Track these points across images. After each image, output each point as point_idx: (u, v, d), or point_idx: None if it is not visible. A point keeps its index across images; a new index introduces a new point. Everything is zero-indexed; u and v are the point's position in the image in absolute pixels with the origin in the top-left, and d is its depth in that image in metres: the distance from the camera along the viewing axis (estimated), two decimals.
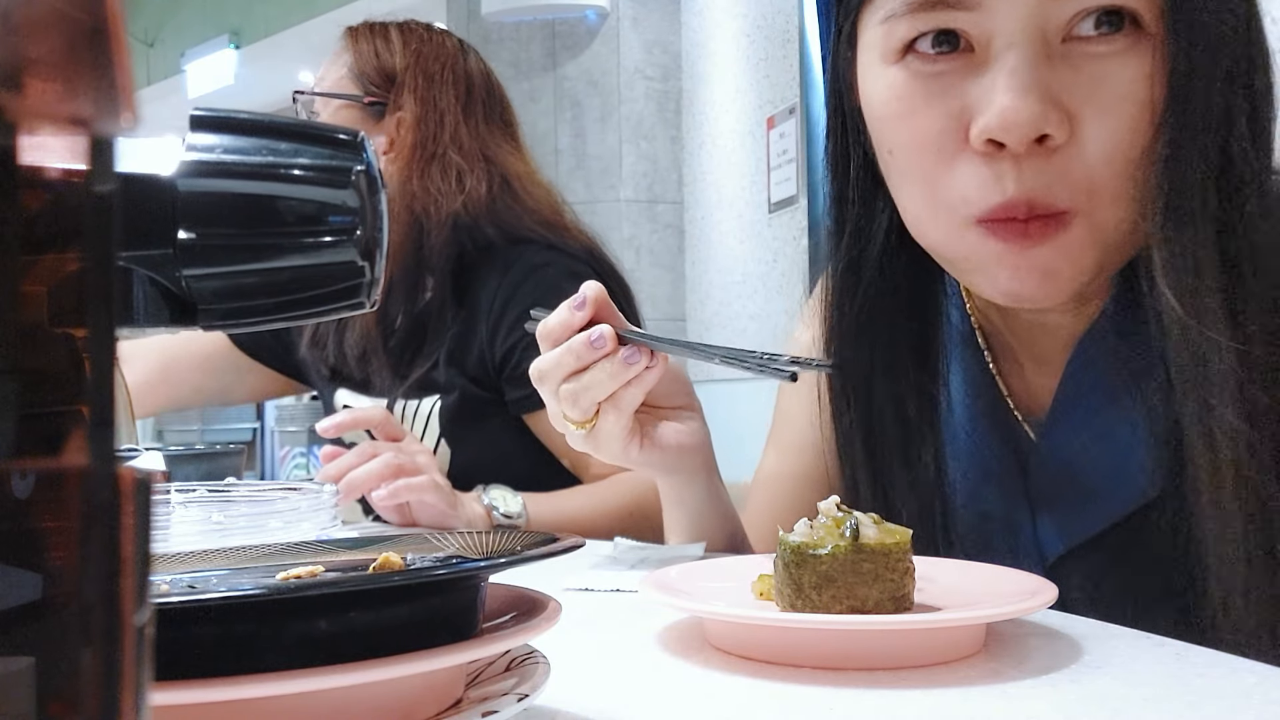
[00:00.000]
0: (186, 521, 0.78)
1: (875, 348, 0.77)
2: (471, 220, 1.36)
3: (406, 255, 1.36)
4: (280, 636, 0.34)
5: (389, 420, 1.15)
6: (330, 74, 1.43)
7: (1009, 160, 0.63)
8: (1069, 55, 0.63)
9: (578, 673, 0.50)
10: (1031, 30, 0.63)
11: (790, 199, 3.57)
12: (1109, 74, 0.63)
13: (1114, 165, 0.63)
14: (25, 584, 0.16)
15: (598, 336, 0.74)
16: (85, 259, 0.17)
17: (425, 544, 0.48)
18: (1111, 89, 0.63)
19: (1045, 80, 0.62)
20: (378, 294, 0.35)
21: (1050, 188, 0.63)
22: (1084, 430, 0.72)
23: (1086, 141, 0.63)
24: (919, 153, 0.67)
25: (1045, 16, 0.62)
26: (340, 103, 1.41)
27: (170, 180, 0.32)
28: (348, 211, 0.33)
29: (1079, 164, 0.63)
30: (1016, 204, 0.63)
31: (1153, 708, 0.45)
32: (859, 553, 0.53)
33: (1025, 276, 0.66)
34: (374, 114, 1.40)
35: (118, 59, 0.16)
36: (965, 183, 0.65)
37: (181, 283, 0.32)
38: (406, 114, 1.38)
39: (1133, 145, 0.63)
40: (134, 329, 0.33)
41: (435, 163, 1.37)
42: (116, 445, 0.17)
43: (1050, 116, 0.62)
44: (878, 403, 0.77)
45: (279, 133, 0.34)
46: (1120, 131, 0.63)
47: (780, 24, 3.63)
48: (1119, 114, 0.63)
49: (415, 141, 1.38)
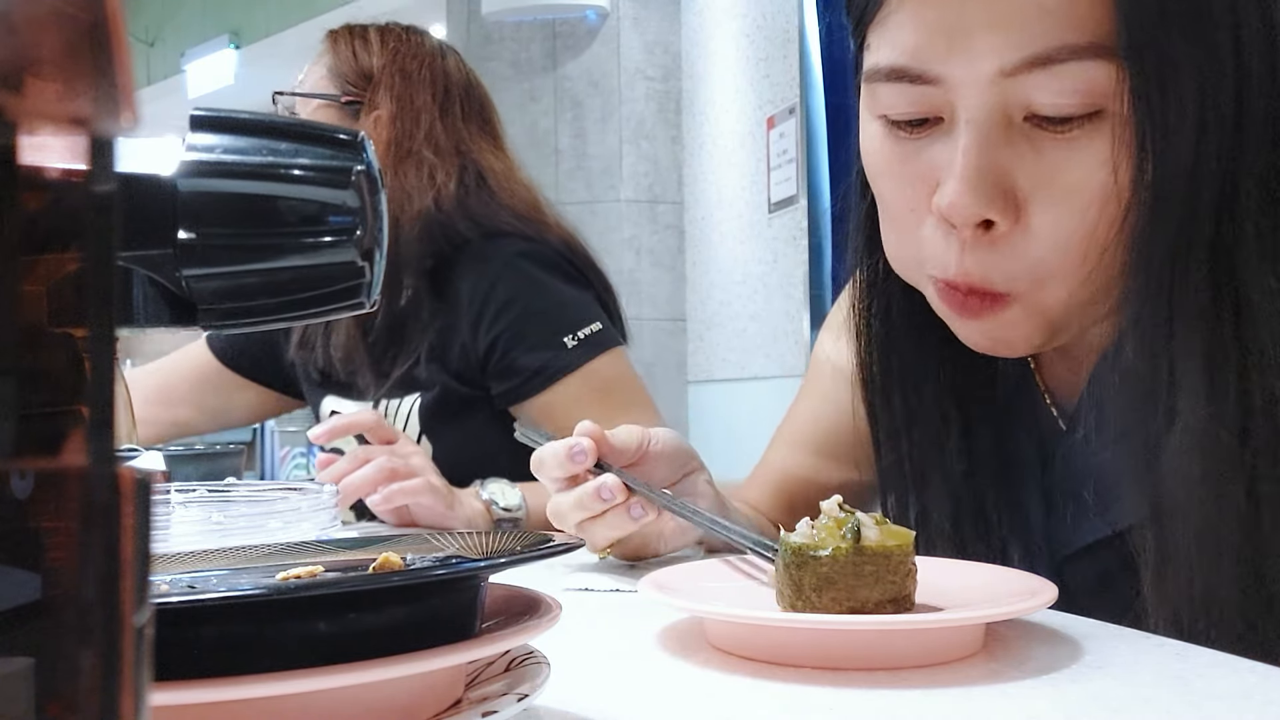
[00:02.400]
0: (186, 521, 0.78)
1: (905, 351, 0.78)
2: (445, 216, 1.36)
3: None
4: (280, 636, 0.34)
5: (381, 423, 1.15)
6: (311, 75, 1.44)
7: (956, 237, 0.65)
8: (1030, 135, 0.62)
9: (578, 673, 0.50)
10: (988, 109, 0.62)
11: (790, 199, 3.57)
12: (1066, 160, 0.62)
13: (1062, 254, 0.63)
14: (25, 584, 0.16)
15: (606, 490, 0.74)
16: (85, 259, 0.17)
17: (425, 544, 0.48)
18: (1068, 175, 0.62)
19: (999, 163, 0.62)
20: (378, 294, 0.35)
21: (988, 274, 0.65)
22: (1106, 432, 0.72)
23: (1033, 230, 0.63)
24: (894, 207, 0.70)
25: (1004, 95, 0.61)
26: (318, 102, 1.41)
27: (170, 180, 0.32)
28: (348, 211, 0.33)
29: (1020, 251, 0.64)
30: (957, 283, 0.66)
31: (1153, 708, 0.45)
32: (860, 554, 0.53)
33: (977, 339, 0.69)
34: (350, 113, 1.40)
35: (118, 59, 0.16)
36: (926, 243, 0.67)
37: (181, 283, 0.32)
38: (383, 112, 1.39)
39: (1088, 234, 0.62)
40: (134, 329, 0.33)
41: (410, 160, 1.38)
42: (116, 445, 0.17)
43: (995, 205, 0.62)
44: (908, 403, 0.78)
45: (279, 133, 0.34)
46: (1070, 221, 0.62)
47: (780, 24, 3.63)
48: (1071, 203, 0.62)
49: (390, 139, 1.38)
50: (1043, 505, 0.76)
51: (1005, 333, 0.67)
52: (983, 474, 0.77)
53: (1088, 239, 0.62)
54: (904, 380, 0.78)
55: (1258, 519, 0.59)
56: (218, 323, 0.33)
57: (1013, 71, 0.60)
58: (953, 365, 0.77)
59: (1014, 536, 0.76)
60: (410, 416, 1.36)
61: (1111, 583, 0.70)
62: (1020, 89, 0.61)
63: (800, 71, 3.51)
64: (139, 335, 0.34)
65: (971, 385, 0.78)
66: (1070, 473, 0.74)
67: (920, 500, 0.77)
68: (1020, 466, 0.77)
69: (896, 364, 0.78)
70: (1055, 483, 0.75)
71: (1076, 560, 0.73)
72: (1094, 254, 0.63)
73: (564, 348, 1.30)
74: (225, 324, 0.33)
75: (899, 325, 0.78)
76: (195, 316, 0.33)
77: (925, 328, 0.76)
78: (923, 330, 0.76)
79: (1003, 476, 0.77)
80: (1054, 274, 0.64)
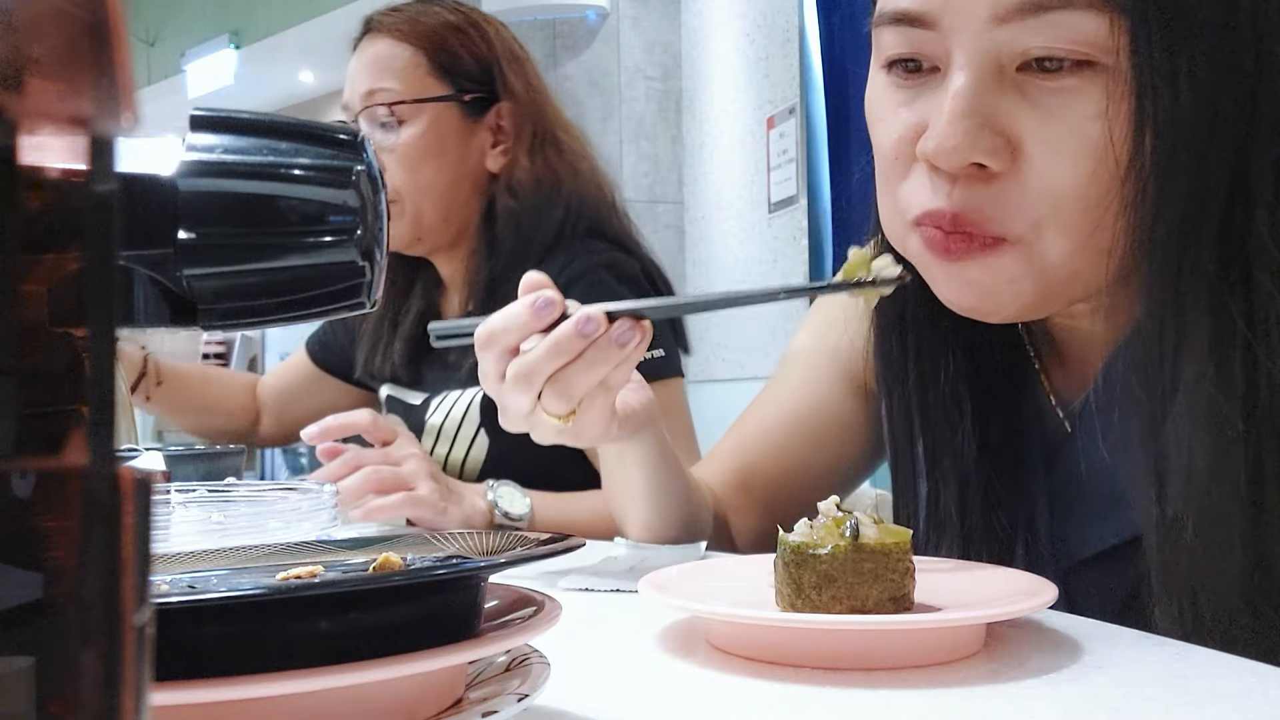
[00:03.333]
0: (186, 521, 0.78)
1: (919, 331, 0.77)
2: (577, 200, 1.34)
3: (512, 242, 1.32)
4: (280, 636, 0.34)
5: (376, 424, 1.13)
6: (403, 78, 1.33)
7: (946, 177, 0.64)
8: (1022, 84, 0.62)
9: (578, 673, 0.50)
10: (983, 55, 0.62)
11: (790, 199, 3.56)
12: (1059, 108, 0.61)
13: (1060, 203, 0.62)
14: (25, 584, 0.16)
15: (586, 321, 0.69)
16: (85, 259, 0.17)
17: (425, 544, 0.48)
18: (1060, 123, 0.61)
19: (989, 107, 0.62)
20: (378, 294, 0.35)
21: (981, 210, 0.63)
22: (1110, 438, 0.71)
23: (1029, 174, 0.62)
24: (884, 157, 0.69)
25: (996, 42, 0.61)
26: (433, 106, 1.33)
27: (170, 180, 0.31)
28: (348, 211, 0.33)
29: (1018, 194, 0.63)
30: (942, 214, 0.64)
31: (1153, 708, 0.45)
32: (859, 552, 0.53)
33: (959, 289, 0.67)
34: (475, 110, 1.35)
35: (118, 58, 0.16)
36: (913, 188, 0.66)
37: (182, 282, 0.32)
38: (511, 102, 1.35)
39: (1084, 186, 0.61)
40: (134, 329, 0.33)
41: (550, 144, 1.35)
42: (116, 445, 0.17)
43: (984, 145, 0.61)
44: (923, 382, 0.77)
45: (279, 132, 0.34)
46: (1066, 168, 0.61)
47: (780, 24, 3.63)
48: (1064, 151, 0.61)
49: (531, 125, 1.35)
50: (1048, 509, 0.75)
51: (995, 282, 0.65)
52: (992, 463, 0.77)
53: (1084, 193, 0.61)
54: (919, 359, 0.77)
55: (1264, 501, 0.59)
56: (218, 323, 0.33)
57: (1005, 17, 0.60)
58: (964, 353, 0.77)
59: (1019, 536, 0.76)
60: (470, 410, 1.33)
61: (1119, 595, 0.70)
62: (1013, 35, 0.61)
63: (800, 71, 3.51)
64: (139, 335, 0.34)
65: (981, 374, 0.77)
66: (1074, 477, 0.74)
67: (931, 481, 0.77)
68: (1025, 466, 0.77)
69: (911, 343, 0.78)
70: (1059, 486, 0.75)
71: (1083, 570, 0.73)
72: (1093, 211, 0.62)
73: None
74: (225, 324, 0.33)
75: (912, 306, 0.77)
76: (195, 316, 0.33)
77: (938, 312, 0.76)
78: (935, 315, 0.76)
79: (1010, 472, 0.77)
80: (1052, 223, 0.63)
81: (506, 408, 0.74)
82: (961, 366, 0.77)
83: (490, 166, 1.35)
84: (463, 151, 1.34)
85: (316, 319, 0.35)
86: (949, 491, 0.76)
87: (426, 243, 1.38)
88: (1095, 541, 0.72)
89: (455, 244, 1.39)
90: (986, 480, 0.76)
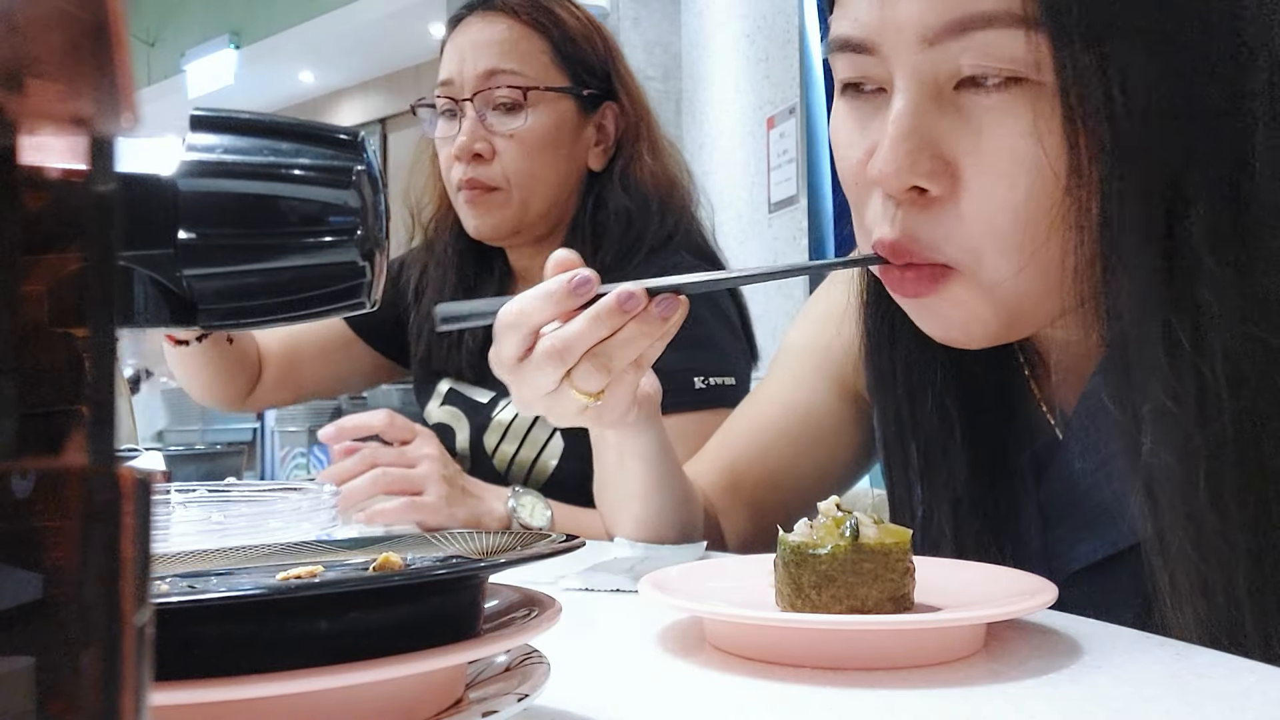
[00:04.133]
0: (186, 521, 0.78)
1: (907, 345, 0.77)
2: (683, 209, 1.33)
3: (620, 240, 1.30)
4: (280, 636, 0.34)
5: (393, 424, 1.12)
6: (529, 63, 1.31)
7: (891, 203, 0.64)
8: (959, 103, 0.62)
9: (578, 673, 0.50)
10: (919, 77, 0.62)
11: (790, 199, 3.57)
12: (993, 126, 0.61)
13: (995, 224, 0.62)
14: (25, 584, 0.16)
15: (627, 297, 0.68)
16: (85, 259, 0.17)
17: (425, 544, 0.48)
18: (994, 141, 0.61)
19: (929, 129, 0.62)
20: (378, 294, 0.35)
21: (921, 239, 0.64)
22: (1102, 447, 0.71)
23: (965, 198, 0.62)
24: (846, 182, 0.69)
25: (931, 64, 0.61)
26: (556, 96, 1.31)
27: (170, 180, 0.32)
28: (349, 212, 0.33)
29: (954, 220, 0.62)
30: (883, 244, 0.65)
31: (1153, 708, 0.45)
32: (859, 552, 0.54)
33: (925, 319, 0.68)
34: (588, 105, 1.33)
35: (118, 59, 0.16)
36: (869, 212, 0.67)
37: (182, 283, 0.32)
38: (623, 101, 1.34)
39: (1019, 204, 0.61)
40: (134, 329, 0.33)
41: (661, 149, 1.35)
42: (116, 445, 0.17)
43: (922, 168, 0.61)
44: (913, 397, 0.77)
45: (279, 133, 0.34)
46: (1003, 189, 0.61)
47: (780, 24, 3.63)
48: (999, 171, 0.61)
49: (643, 126, 1.34)
50: (1039, 521, 0.75)
51: (954, 312, 0.65)
52: (985, 478, 0.77)
53: (1021, 212, 0.61)
54: (908, 374, 0.77)
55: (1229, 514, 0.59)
56: (218, 323, 0.33)
57: (934, 39, 0.61)
58: (953, 366, 0.77)
59: (1011, 548, 0.75)
60: None
61: (1112, 606, 0.70)
62: (945, 56, 0.61)
63: (800, 71, 3.52)
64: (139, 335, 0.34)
65: (971, 387, 0.77)
66: (1067, 487, 0.73)
67: (925, 496, 0.77)
68: (1014, 477, 0.77)
69: (900, 357, 0.78)
70: (1052, 497, 0.74)
71: (1075, 582, 0.72)
72: (1033, 231, 0.61)
73: (690, 387, 1.22)
74: (225, 324, 0.33)
75: (900, 319, 0.77)
76: (195, 316, 0.33)
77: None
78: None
79: (1003, 486, 0.77)
80: (991, 247, 0.62)
81: (526, 387, 0.73)
82: (951, 380, 0.76)
83: (591, 164, 1.34)
84: (574, 145, 1.32)
85: (317, 319, 0.35)
86: (942, 510, 0.76)
87: (525, 234, 1.33)
88: (1089, 553, 0.72)
89: (545, 237, 1.35)
90: (979, 496, 0.76)
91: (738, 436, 0.97)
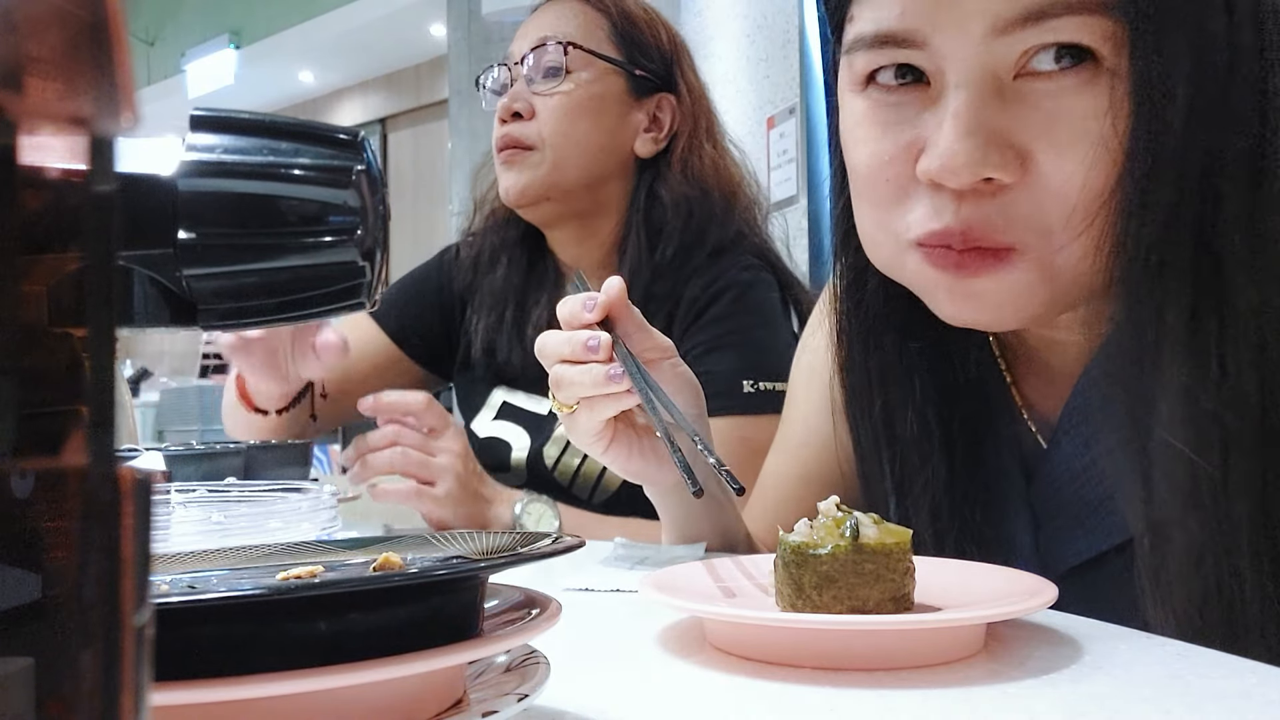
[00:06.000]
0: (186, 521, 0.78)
1: (884, 355, 0.77)
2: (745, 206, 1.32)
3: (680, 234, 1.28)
4: (280, 636, 0.34)
5: (430, 409, 1.10)
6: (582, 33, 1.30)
7: (950, 195, 0.63)
8: (1022, 93, 0.61)
9: (578, 673, 0.50)
10: (980, 70, 0.61)
11: (790, 199, 3.57)
12: (1064, 110, 0.61)
13: (1068, 205, 0.61)
14: (25, 584, 0.16)
15: (595, 343, 0.76)
16: (85, 259, 0.17)
17: (425, 544, 0.48)
18: (1067, 125, 0.61)
19: (993, 122, 0.61)
20: (378, 294, 0.35)
21: (991, 222, 0.63)
22: (1092, 446, 0.71)
23: (1039, 180, 0.62)
24: (871, 177, 0.68)
25: (994, 55, 0.61)
26: (604, 66, 1.30)
27: (170, 180, 0.31)
28: (348, 211, 0.33)
29: (1027, 202, 0.62)
30: (951, 233, 0.63)
31: (1153, 708, 0.45)
32: (859, 553, 0.53)
33: (964, 304, 0.66)
34: (640, 89, 1.32)
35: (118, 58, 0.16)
36: (910, 209, 0.65)
37: (182, 282, 0.32)
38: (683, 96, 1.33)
39: (1091, 185, 0.61)
40: (134, 329, 0.33)
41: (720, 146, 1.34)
42: (116, 445, 0.17)
43: (993, 159, 0.61)
44: (888, 408, 0.77)
45: (279, 132, 0.34)
46: (1076, 169, 0.61)
47: (780, 24, 3.63)
48: (1074, 151, 0.61)
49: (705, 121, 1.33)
50: (1030, 525, 0.74)
51: (1003, 296, 0.65)
52: (963, 487, 0.76)
53: (1091, 193, 0.61)
54: (884, 385, 0.77)
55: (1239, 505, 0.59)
56: (218, 323, 0.33)
57: (1005, 29, 0.60)
58: (931, 374, 0.76)
59: (998, 552, 0.75)
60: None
61: (1106, 602, 0.70)
62: (1011, 46, 0.61)
63: (800, 71, 3.52)
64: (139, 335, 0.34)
65: (950, 395, 0.77)
66: (1055, 490, 0.73)
67: (900, 508, 0.77)
68: (1001, 483, 0.76)
69: (876, 367, 0.77)
70: (1040, 500, 0.74)
71: (1068, 581, 0.72)
72: (1095, 211, 0.61)
73: (739, 390, 1.20)
74: (225, 324, 0.33)
75: (877, 328, 0.77)
76: (195, 316, 0.33)
77: (904, 331, 0.76)
78: (901, 334, 0.76)
79: (984, 492, 0.76)
80: (1061, 226, 0.62)
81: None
82: (930, 389, 0.76)
83: (639, 150, 1.31)
84: (619, 123, 1.30)
85: (317, 319, 0.35)
86: (920, 518, 0.75)
87: (557, 203, 1.29)
88: (1082, 551, 0.72)
89: (589, 221, 1.32)
90: (957, 503, 0.75)
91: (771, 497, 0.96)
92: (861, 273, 0.77)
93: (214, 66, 6.81)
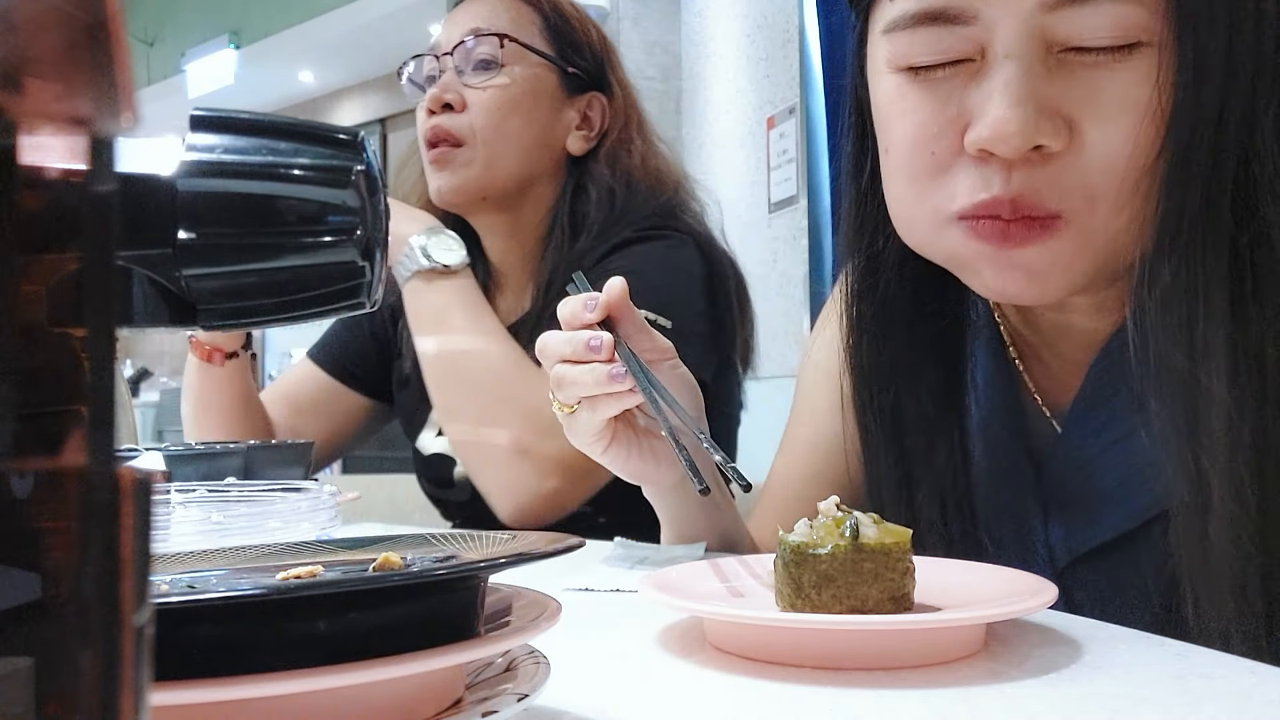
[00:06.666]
0: (186, 521, 0.78)
1: (895, 344, 0.77)
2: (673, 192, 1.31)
3: (601, 225, 1.27)
4: (280, 636, 0.34)
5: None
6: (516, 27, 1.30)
7: (999, 164, 0.64)
8: (1068, 64, 0.63)
9: (578, 673, 0.50)
10: (1030, 41, 0.62)
11: (790, 199, 3.57)
12: (1110, 81, 0.62)
13: (1115, 173, 0.63)
14: (25, 584, 0.16)
15: (597, 342, 0.76)
16: (85, 259, 0.17)
17: (425, 544, 0.48)
18: (1113, 96, 0.62)
19: (1042, 91, 0.62)
20: (378, 294, 0.35)
21: (1039, 191, 0.64)
22: (1103, 433, 0.71)
23: (1086, 148, 0.63)
24: (912, 152, 0.68)
25: (1042, 28, 0.62)
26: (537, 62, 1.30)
27: (170, 180, 0.31)
28: (348, 211, 0.33)
29: (1075, 170, 0.63)
30: (1000, 203, 0.64)
31: (1153, 708, 0.45)
32: (859, 552, 0.53)
33: (1009, 275, 0.66)
34: (572, 87, 1.32)
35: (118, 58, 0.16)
36: (954, 183, 0.66)
37: (181, 283, 0.32)
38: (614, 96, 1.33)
39: (1137, 155, 0.62)
40: (134, 329, 0.33)
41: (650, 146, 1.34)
42: (116, 445, 0.17)
43: (1044, 127, 0.62)
44: (899, 399, 0.77)
45: (279, 132, 0.33)
46: (1122, 139, 0.62)
47: (780, 24, 3.63)
48: (1120, 121, 0.62)
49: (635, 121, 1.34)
50: (1041, 513, 0.75)
51: (1048, 265, 0.65)
52: (973, 476, 0.76)
53: (1136, 161, 0.62)
54: (895, 375, 0.77)
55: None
56: (217, 323, 0.33)
57: (1053, 5, 0.62)
58: (942, 361, 0.77)
59: (1008, 542, 0.75)
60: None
61: (1120, 589, 0.70)
62: (1058, 22, 0.62)
63: (800, 71, 3.52)
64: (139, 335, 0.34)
65: (961, 382, 0.77)
66: (1065, 479, 0.74)
67: (911, 499, 0.77)
68: (1011, 470, 0.77)
69: (887, 357, 0.78)
70: (1052, 488, 0.75)
71: (1080, 568, 0.73)
72: (1140, 180, 0.62)
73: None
74: (225, 324, 0.33)
75: (889, 318, 0.77)
76: (195, 316, 0.33)
77: (916, 321, 0.76)
78: (913, 323, 0.76)
79: (994, 481, 0.77)
80: (1106, 194, 0.63)
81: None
82: (943, 377, 0.76)
83: (571, 148, 1.31)
84: (552, 119, 1.30)
85: (316, 319, 0.35)
86: (932, 510, 0.76)
87: (491, 203, 1.29)
88: (1092, 538, 0.72)
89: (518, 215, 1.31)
90: (969, 497, 0.76)
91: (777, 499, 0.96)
92: (875, 260, 0.77)
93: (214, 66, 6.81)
